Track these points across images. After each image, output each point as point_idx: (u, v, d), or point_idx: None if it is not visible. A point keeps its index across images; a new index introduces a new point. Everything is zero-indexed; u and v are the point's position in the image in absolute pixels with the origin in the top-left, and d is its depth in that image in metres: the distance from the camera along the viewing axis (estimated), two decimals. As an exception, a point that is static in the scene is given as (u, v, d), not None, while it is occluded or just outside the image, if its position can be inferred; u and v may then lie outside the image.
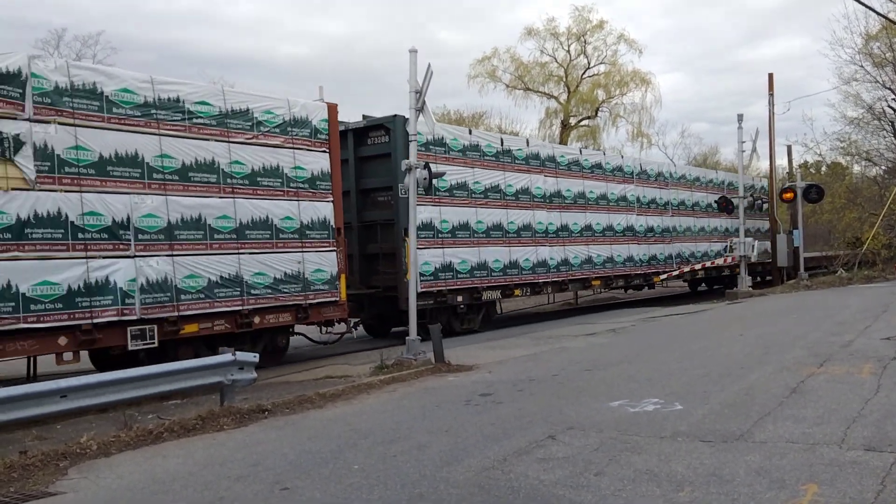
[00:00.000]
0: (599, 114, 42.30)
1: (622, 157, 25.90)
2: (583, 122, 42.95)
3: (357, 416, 8.65)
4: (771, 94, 29.80)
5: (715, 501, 5.05)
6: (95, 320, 10.76)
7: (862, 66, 32.39)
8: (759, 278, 30.86)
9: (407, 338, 12.59)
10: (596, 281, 23.05)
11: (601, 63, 41.80)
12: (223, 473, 6.44)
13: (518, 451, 6.54)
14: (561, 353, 13.11)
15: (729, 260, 27.60)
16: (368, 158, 17.36)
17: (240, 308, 12.64)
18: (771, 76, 30.04)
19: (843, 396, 7.91)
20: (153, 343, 11.46)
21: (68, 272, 10.53)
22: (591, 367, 11.17)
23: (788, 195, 29.53)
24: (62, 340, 10.53)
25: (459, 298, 17.93)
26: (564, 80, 41.90)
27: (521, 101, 44.13)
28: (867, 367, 9.52)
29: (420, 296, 16.13)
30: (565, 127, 41.99)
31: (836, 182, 37.85)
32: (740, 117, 26.92)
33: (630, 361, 11.46)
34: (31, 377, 11.16)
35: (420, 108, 12.58)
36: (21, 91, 10.22)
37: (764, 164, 45.94)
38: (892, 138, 33.79)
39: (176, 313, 11.72)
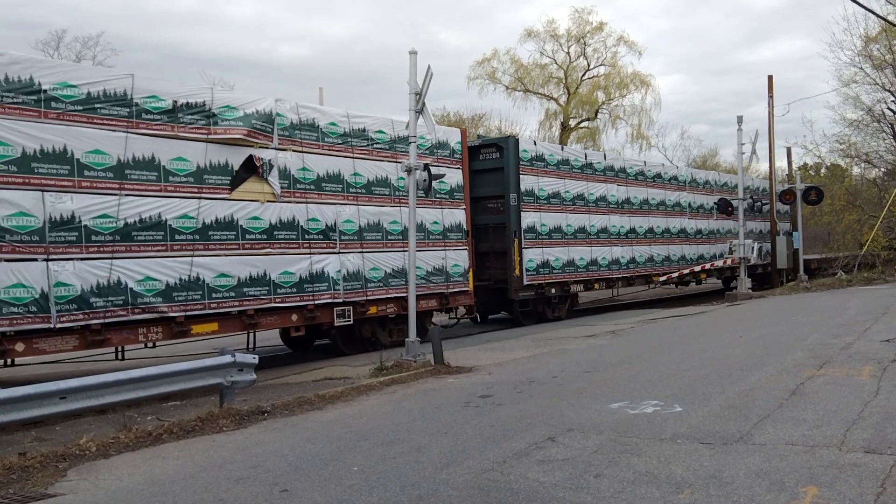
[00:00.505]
0: (599, 115, 42.38)
1: (677, 167, 28.98)
2: (582, 124, 42.99)
3: (356, 417, 8.65)
4: (770, 96, 29.78)
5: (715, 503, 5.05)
6: (316, 302, 13.83)
7: (861, 69, 32.38)
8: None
9: (406, 339, 12.60)
10: (656, 277, 25.35)
11: (601, 65, 41.91)
12: (222, 475, 6.43)
13: (517, 452, 6.54)
14: (561, 355, 13.11)
15: (728, 262, 27.62)
16: (480, 171, 19.96)
17: (404, 295, 14.74)
18: (770, 78, 30.03)
19: (842, 399, 7.91)
20: (349, 321, 14.48)
21: (299, 264, 13.60)
22: (591, 368, 11.17)
23: (788, 197, 29.57)
24: (294, 317, 13.63)
25: (553, 291, 20.98)
26: (564, 81, 41.93)
27: (520, 103, 44.30)
28: (867, 369, 9.52)
29: (524, 288, 19.75)
30: (565, 129, 42.00)
31: (835, 184, 37.79)
32: (740, 119, 26.96)
33: (630, 363, 11.46)
34: (252, 349, 13.75)
35: (420, 110, 12.58)
36: (271, 127, 13.26)
37: (763, 166, 46.08)
38: (892, 140, 33.76)
39: (365, 298, 14.80)
